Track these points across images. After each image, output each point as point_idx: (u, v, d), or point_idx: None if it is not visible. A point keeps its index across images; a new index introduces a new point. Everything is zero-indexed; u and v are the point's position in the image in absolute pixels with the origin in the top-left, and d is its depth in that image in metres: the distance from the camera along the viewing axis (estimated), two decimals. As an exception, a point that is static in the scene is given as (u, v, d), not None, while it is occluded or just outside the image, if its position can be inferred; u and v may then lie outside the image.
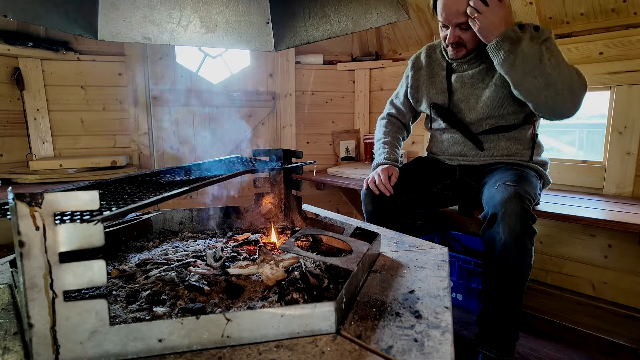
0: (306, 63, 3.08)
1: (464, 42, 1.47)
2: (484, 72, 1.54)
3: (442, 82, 1.65)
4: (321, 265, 0.93)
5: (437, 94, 1.68)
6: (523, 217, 1.24)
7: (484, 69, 1.53)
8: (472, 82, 1.57)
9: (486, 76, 1.54)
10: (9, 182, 2.19)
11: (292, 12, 1.45)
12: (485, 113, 1.56)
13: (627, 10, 1.92)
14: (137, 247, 1.16)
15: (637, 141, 1.91)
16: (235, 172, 1.04)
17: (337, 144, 3.21)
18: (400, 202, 1.60)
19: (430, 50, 1.73)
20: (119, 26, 1.38)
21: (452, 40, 1.46)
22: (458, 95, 1.62)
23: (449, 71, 1.64)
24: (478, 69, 1.55)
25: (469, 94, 1.59)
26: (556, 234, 2.10)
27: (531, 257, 1.28)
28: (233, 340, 0.63)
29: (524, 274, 1.27)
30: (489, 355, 1.32)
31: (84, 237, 0.57)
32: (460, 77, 1.60)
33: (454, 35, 1.45)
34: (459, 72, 1.60)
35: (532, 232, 1.27)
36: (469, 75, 1.57)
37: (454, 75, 1.62)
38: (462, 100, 1.61)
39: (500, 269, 1.27)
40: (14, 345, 0.62)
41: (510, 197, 1.26)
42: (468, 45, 1.49)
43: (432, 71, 1.70)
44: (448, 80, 1.64)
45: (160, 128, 2.81)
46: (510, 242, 1.23)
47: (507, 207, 1.25)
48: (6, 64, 2.40)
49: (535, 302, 2.03)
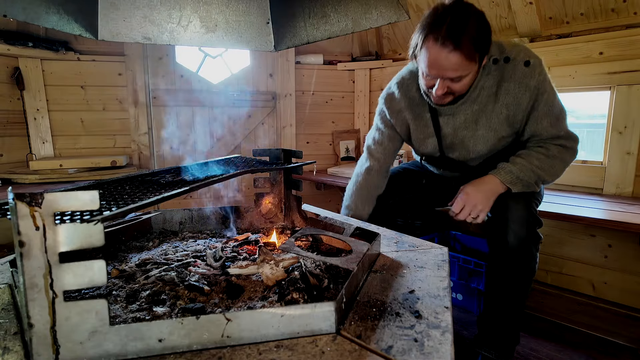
0: (306, 63, 3.08)
1: (453, 91, 1.25)
2: (477, 114, 1.35)
3: (428, 125, 1.45)
4: (321, 265, 0.93)
5: (424, 139, 1.49)
6: (530, 223, 1.24)
7: (477, 110, 1.34)
8: (465, 125, 1.38)
9: (480, 117, 1.35)
10: (9, 182, 2.19)
11: (292, 12, 1.45)
12: (484, 154, 1.42)
13: (627, 10, 1.92)
14: (137, 247, 1.16)
15: (637, 141, 1.91)
16: (235, 172, 1.04)
17: (337, 144, 3.21)
18: (393, 202, 1.60)
19: (404, 88, 1.48)
20: (119, 26, 1.38)
21: (441, 92, 1.23)
22: (451, 138, 1.43)
23: (434, 113, 1.41)
24: (470, 111, 1.35)
25: (464, 136, 1.40)
26: (556, 234, 2.10)
27: (535, 263, 1.28)
28: (233, 340, 0.63)
29: (528, 279, 1.27)
30: (488, 356, 1.32)
31: (84, 237, 0.57)
32: (450, 121, 1.40)
33: (442, 88, 1.22)
34: (448, 116, 1.39)
35: (538, 238, 1.27)
36: (461, 119, 1.37)
37: (442, 119, 1.41)
38: (455, 144, 1.44)
39: (505, 274, 1.27)
40: (14, 345, 0.62)
41: (517, 200, 1.26)
42: (457, 93, 1.27)
43: (415, 112, 1.47)
44: (435, 123, 1.43)
45: (160, 128, 2.81)
46: (516, 249, 1.23)
47: (514, 212, 1.24)
48: (6, 64, 2.40)
49: (535, 302, 2.03)
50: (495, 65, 1.30)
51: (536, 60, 1.27)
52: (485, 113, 1.34)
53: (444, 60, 1.14)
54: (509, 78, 1.28)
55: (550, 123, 1.29)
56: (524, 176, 1.27)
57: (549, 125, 1.29)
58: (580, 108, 2.47)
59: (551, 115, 1.29)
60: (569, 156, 1.33)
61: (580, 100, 2.27)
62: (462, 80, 1.21)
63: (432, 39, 1.14)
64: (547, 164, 1.29)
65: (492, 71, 1.30)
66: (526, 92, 1.27)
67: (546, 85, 1.28)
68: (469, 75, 1.21)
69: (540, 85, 1.27)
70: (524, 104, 1.29)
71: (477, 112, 1.35)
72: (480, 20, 1.15)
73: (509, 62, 1.28)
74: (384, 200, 1.58)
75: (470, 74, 1.20)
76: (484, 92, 1.32)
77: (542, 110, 1.29)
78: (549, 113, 1.29)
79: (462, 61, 1.14)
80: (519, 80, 1.27)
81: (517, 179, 1.28)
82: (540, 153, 1.30)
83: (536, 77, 1.26)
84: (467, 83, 1.24)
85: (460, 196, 1.33)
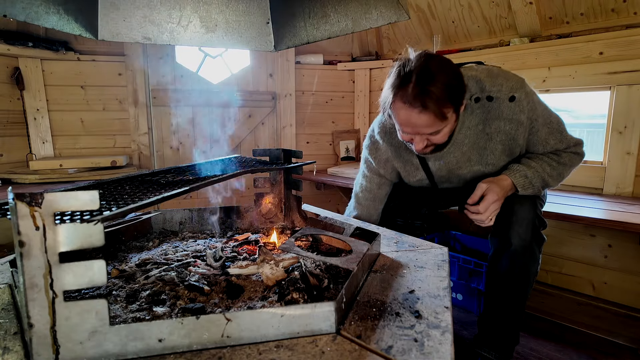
0: (306, 63, 3.08)
1: (434, 143, 1.21)
2: (469, 152, 1.30)
3: (418, 167, 1.41)
4: (321, 265, 0.93)
5: (420, 182, 1.46)
6: (535, 225, 1.23)
7: (469, 150, 1.30)
8: (458, 165, 1.34)
9: (472, 155, 1.31)
10: (9, 182, 2.19)
11: (292, 12, 1.45)
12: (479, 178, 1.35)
13: (627, 10, 1.92)
14: (137, 247, 1.16)
15: (637, 141, 1.91)
16: (235, 172, 1.04)
17: (337, 144, 3.21)
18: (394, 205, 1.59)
19: (387, 136, 1.41)
20: (119, 26, 1.38)
21: (421, 147, 1.19)
22: (446, 178, 1.41)
23: (422, 158, 1.37)
24: (460, 152, 1.30)
25: (460, 173, 1.37)
26: (556, 233, 2.10)
27: (538, 264, 1.28)
28: (233, 340, 0.63)
29: (530, 281, 1.27)
30: (488, 357, 1.33)
31: (84, 237, 0.57)
32: (442, 166, 1.35)
33: (421, 142, 1.18)
34: (437, 160, 1.34)
35: (541, 240, 1.27)
36: (453, 162, 1.33)
37: (432, 163, 1.37)
38: (450, 180, 1.42)
39: (507, 275, 1.27)
40: (14, 345, 0.62)
41: (522, 202, 1.26)
42: (439, 144, 1.22)
43: (403, 158, 1.42)
44: (424, 165, 1.39)
45: (160, 128, 2.81)
46: (520, 250, 1.23)
47: (520, 213, 1.24)
48: (6, 64, 2.40)
49: (535, 302, 2.03)
50: (477, 104, 1.24)
51: (520, 91, 1.21)
52: (477, 150, 1.30)
53: (416, 119, 1.10)
54: (497, 117, 1.23)
55: (556, 139, 1.29)
56: (535, 182, 1.27)
57: (557, 142, 1.30)
58: (580, 108, 2.47)
59: (554, 132, 1.28)
60: (578, 161, 1.35)
61: (580, 100, 2.27)
62: (440, 132, 1.16)
63: (400, 100, 1.09)
64: (557, 171, 1.30)
65: (475, 109, 1.25)
66: (519, 127, 1.24)
67: (537, 110, 1.24)
68: (447, 127, 1.16)
69: (532, 114, 1.24)
70: (520, 137, 1.26)
71: (468, 151, 1.30)
72: (448, 71, 1.09)
73: (493, 100, 1.23)
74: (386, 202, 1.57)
75: (447, 126, 1.15)
76: (470, 131, 1.26)
77: (544, 132, 1.27)
78: (551, 132, 1.28)
79: (433, 119, 1.09)
80: (509, 118, 1.23)
81: (529, 184, 1.27)
82: (552, 160, 1.30)
83: (526, 111, 1.22)
84: (446, 132, 1.18)
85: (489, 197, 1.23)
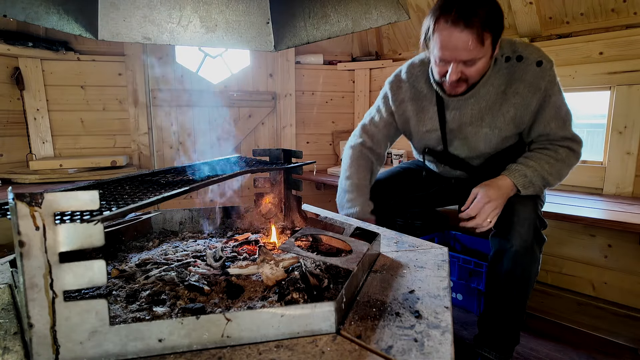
0: (306, 63, 3.08)
1: (466, 77, 1.24)
2: (484, 111, 1.35)
3: (433, 118, 1.43)
4: (321, 265, 0.93)
5: (427, 132, 1.47)
6: (536, 225, 1.23)
7: (485, 108, 1.34)
8: (471, 121, 1.37)
9: (486, 115, 1.35)
10: (9, 182, 2.20)
11: (292, 12, 1.45)
12: (487, 153, 1.43)
13: (627, 10, 1.92)
14: (137, 247, 1.16)
15: (637, 141, 1.91)
16: (235, 172, 1.04)
17: (337, 144, 3.21)
18: (394, 202, 1.59)
19: (412, 77, 1.45)
20: (119, 26, 1.38)
21: (455, 77, 1.22)
22: (455, 134, 1.43)
23: (440, 106, 1.40)
24: (477, 107, 1.34)
25: (468, 133, 1.40)
26: (556, 234, 2.10)
27: (538, 265, 1.28)
28: (233, 340, 0.63)
29: (531, 281, 1.27)
30: (487, 357, 1.33)
31: (84, 237, 0.57)
32: (456, 117, 1.38)
33: (456, 72, 1.21)
34: (455, 110, 1.38)
35: (542, 241, 1.27)
36: (468, 115, 1.36)
37: (449, 112, 1.39)
38: (459, 139, 1.43)
39: (508, 276, 1.27)
40: (14, 345, 0.62)
41: (523, 202, 1.26)
42: (471, 80, 1.26)
43: (419, 104, 1.45)
44: (441, 117, 1.41)
45: (160, 128, 2.81)
46: (521, 251, 1.23)
47: (521, 213, 1.24)
48: (6, 64, 2.40)
49: (535, 302, 2.03)
50: (507, 64, 1.30)
51: (548, 63, 1.27)
52: (491, 111, 1.34)
53: (456, 40, 1.14)
54: (519, 78, 1.28)
55: (558, 125, 1.30)
56: (535, 180, 1.27)
57: (557, 128, 1.30)
58: (580, 108, 2.47)
59: (559, 118, 1.30)
60: (574, 159, 1.33)
61: (580, 100, 2.27)
62: (475, 64, 1.20)
63: (443, 21, 1.15)
64: (555, 168, 1.29)
65: (502, 69, 1.31)
66: (535, 94, 1.27)
67: (555, 88, 1.28)
68: (482, 59, 1.20)
69: (550, 87, 1.27)
70: (532, 105, 1.29)
71: (483, 109, 1.34)
72: (491, 2, 1.16)
73: (522, 60, 1.28)
74: (385, 200, 1.57)
75: (483, 58, 1.19)
76: (492, 89, 1.32)
77: (550, 112, 1.29)
78: (556, 116, 1.29)
79: (474, 41, 1.13)
80: (530, 82, 1.27)
81: (530, 183, 1.27)
82: (550, 157, 1.30)
83: (546, 79, 1.26)
84: (480, 68, 1.22)
85: (477, 199, 1.26)
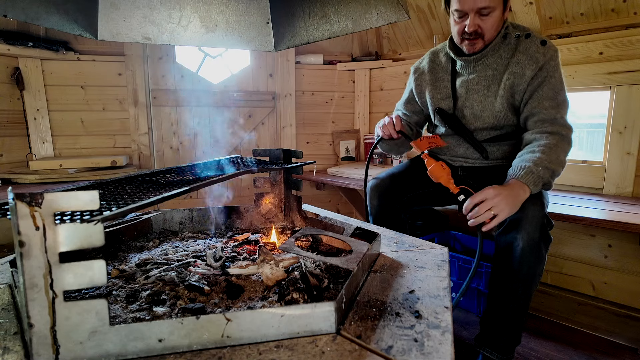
0: (306, 63, 3.08)
1: (482, 31, 1.40)
2: (490, 79, 1.49)
3: (447, 86, 1.61)
4: (321, 265, 0.93)
5: (441, 99, 1.63)
6: (543, 224, 1.23)
7: (491, 76, 1.48)
8: (477, 88, 1.52)
9: (492, 84, 1.49)
10: (9, 182, 2.19)
11: (292, 12, 1.45)
12: (491, 123, 1.52)
13: (627, 10, 1.92)
14: (137, 247, 1.16)
15: (637, 141, 1.91)
16: (235, 172, 1.04)
17: (337, 144, 3.21)
18: (406, 199, 1.60)
19: (433, 55, 1.69)
20: (119, 26, 1.38)
21: (473, 29, 1.38)
22: (463, 100, 1.56)
23: (453, 75, 1.59)
24: (484, 75, 1.50)
25: (474, 100, 1.53)
26: (556, 234, 2.10)
27: (543, 265, 1.28)
28: (233, 340, 0.63)
29: (535, 281, 1.27)
30: (489, 356, 1.32)
31: (84, 237, 0.57)
32: (465, 83, 1.55)
33: (474, 24, 1.37)
34: (464, 77, 1.55)
35: (548, 240, 1.26)
36: (475, 81, 1.52)
37: (459, 79, 1.57)
38: (467, 106, 1.56)
39: (514, 275, 1.26)
40: (14, 345, 0.62)
41: (531, 201, 1.25)
42: (486, 36, 1.41)
43: (435, 75, 1.65)
44: (453, 85, 1.59)
45: (160, 128, 2.81)
46: (527, 249, 1.23)
47: (529, 213, 1.23)
48: (6, 64, 2.40)
49: (535, 302, 2.03)
50: (516, 40, 1.45)
51: (553, 46, 1.40)
52: (496, 79, 1.48)
53: None
54: (522, 51, 1.42)
55: (552, 105, 1.36)
56: (543, 173, 1.26)
57: (550, 107, 1.36)
58: (580, 108, 2.47)
59: (554, 100, 1.37)
60: (567, 145, 1.35)
61: (580, 100, 2.27)
62: (490, 15, 1.36)
63: None
64: (553, 155, 1.29)
65: (512, 43, 1.45)
66: (532, 65, 1.39)
67: (556, 73, 1.38)
68: (496, 11, 1.36)
69: (548, 66, 1.38)
70: (527, 74, 1.39)
71: (489, 78, 1.49)
72: None
73: (529, 37, 1.43)
74: (399, 197, 1.58)
75: (496, 9, 1.36)
76: (500, 60, 1.46)
77: (547, 92, 1.37)
78: (552, 97, 1.37)
79: None
80: (530, 54, 1.40)
81: (539, 178, 1.26)
82: (542, 146, 1.30)
83: (547, 57, 1.38)
84: (494, 22, 1.38)
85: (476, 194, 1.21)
